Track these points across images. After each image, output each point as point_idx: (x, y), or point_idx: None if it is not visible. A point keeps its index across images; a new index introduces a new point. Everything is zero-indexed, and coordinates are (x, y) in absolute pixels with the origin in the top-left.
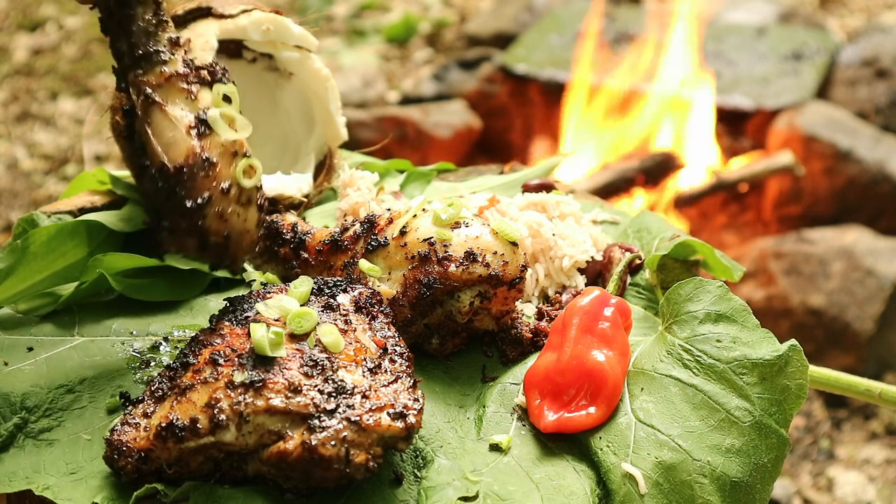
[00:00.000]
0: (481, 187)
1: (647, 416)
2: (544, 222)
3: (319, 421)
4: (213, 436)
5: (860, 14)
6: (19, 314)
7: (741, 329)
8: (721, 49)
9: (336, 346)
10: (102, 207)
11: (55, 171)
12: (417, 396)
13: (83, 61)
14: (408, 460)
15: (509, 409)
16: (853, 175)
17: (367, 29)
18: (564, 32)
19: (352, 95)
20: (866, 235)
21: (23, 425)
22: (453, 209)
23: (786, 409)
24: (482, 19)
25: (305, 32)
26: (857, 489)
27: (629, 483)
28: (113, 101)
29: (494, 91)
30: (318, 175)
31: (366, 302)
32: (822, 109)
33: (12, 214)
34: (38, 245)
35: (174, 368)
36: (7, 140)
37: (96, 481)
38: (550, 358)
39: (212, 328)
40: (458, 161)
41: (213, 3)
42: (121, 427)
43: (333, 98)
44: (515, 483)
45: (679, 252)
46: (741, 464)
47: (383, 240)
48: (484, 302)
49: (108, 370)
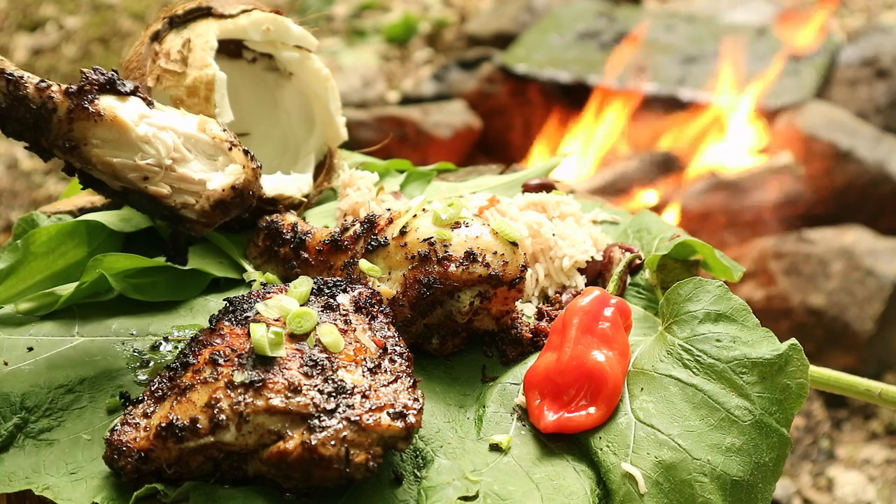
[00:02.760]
0: (481, 187)
1: (647, 415)
2: (544, 222)
3: (319, 421)
4: (213, 436)
5: (860, 14)
6: (19, 314)
7: (741, 329)
8: (721, 49)
9: (336, 346)
10: (102, 207)
11: (55, 171)
12: (417, 396)
13: (83, 61)
14: (408, 460)
15: (509, 409)
16: (853, 175)
17: (367, 29)
18: (564, 32)
19: (352, 95)
20: (866, 235)
21: (23, 425)
22: (453, 209)
23: (786, 409)
24: (482, 19)
25: (305, 32)
26: (857, 489)
27: (629, 483)
28: None
29: (494, 91)
30: (318, 175)
31: (366, 302)
32: (822, 109)
33: (12, 214)
34: (39, 245)
35: (174, 368)
36: (7, 140)
37: (96, 481)
38: (550, 358)
39: (212, 328)
40: (458, 161)
41: (213, 3)
42: (121, 427)
43: (333, 98)
44: (515, 483)
45: (679, 252)
46: (742, 463)
47: (383, 240)
48: (484, 302)
49: (108, 370)
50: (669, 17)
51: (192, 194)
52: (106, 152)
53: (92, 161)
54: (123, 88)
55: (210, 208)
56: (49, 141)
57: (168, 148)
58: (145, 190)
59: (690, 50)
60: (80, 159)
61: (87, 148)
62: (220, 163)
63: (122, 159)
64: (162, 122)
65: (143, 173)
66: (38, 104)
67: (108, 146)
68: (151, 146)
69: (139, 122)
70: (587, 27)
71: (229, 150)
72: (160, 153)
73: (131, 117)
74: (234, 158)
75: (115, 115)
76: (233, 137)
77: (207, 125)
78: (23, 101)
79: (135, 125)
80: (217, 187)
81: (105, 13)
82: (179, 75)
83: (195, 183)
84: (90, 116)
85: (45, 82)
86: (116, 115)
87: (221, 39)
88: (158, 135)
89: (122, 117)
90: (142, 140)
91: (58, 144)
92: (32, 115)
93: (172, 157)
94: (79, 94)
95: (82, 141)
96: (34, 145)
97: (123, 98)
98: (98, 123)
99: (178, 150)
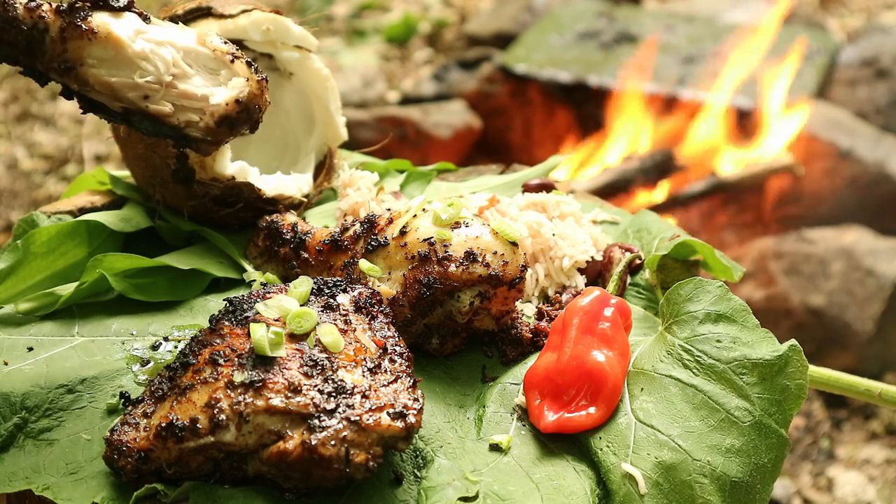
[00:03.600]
0: (481, 187)
1: (647, 416)
2: (544, 222)
3: (319, 421)
4: (213, 436)
5: (860, 14)
6: (19, 314)
7: (741, 329)
8: (721, 49)
9: (336, 346)
10: (102, 207)
11: (55, 171)
12: (417, 396)
13: None
14: (408, 460)
15: (509, 409)
16: (853, 175)
17: (367, 29)
18: (564, 32)
19: (352, 95)
20: (866, 235)
21: (23, 425)
22: (453, 209)
23: (786, 409)
24: (482, 19)
25: (305, 32)
26: (857, 489)
27: (629, 483)
28: None
29: (494, 91)
30: (318, 175)
31: (365, 302)
32: (822, 109)
33: (12, 214)
34: (39, 245)
35: (174, 368)
36: (7, 140)
37: (96, 481)
38: (550, 358)
39: (212, 328)
40: (458, 161)
41: (213, 3)
42: (121, 427)
43: (333, 98)
44: (515, 483)
45: (679, 252)
46: (741, 464)
47: (383, 240)
48: (484, 302)
49: (108, 370)
50: (669, 17)
51: (195, 111)
52: (103, 72)
53: (89, 82)
54: (117, 4)
55: (215, 125)
56: (44, 64)
57: (167, 63)
58: (146, 110)
59: (690, 50)
60: (76, 81)
61: (83, 69)
62: (223, 77)
63: (121, 78)
64: (159, 37)
65: (142, 92)
66: (30, 25)
67: (105, 65)
68: (150, 62)
69: (135, 38)
70: (587, 27)
71: (231, 62)
72: (159, 69)
73: (127, 33)
74: (237, 71)
75: (110, 31)
76: (235, 49)
77: (207, 38)
78: (13, 23)
79: (131, 41)
80: (220, 102)
81: None
82: None
83: (198, 99)
84: (83, 35)
85: (35, 1)
86: (111, 32)
87: None
88: (156, 50)
89: (117, 34)
90: (139, 56)
91: (53, 67)
92: (24, 38)
93: (172, 72)
94: (70, 13)
95: (78, 61)
96: (29, 70)
97: (118, 14)
98: (92, 42)
99: (178, 66)
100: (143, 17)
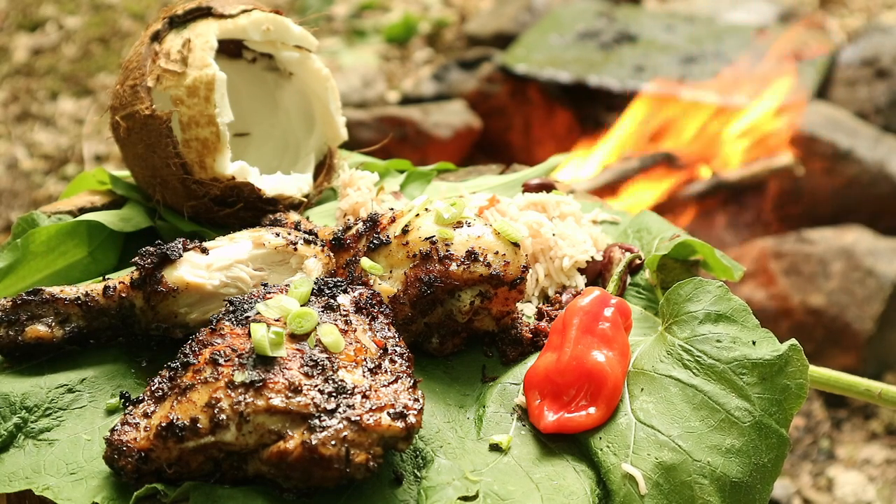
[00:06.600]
0: (481, 187)
1: (647, 416)
2: (544, 222)
3: (320, 421)
4: (213, 435)
5: (860, 14)
6: None
7: (741, 329)
8: (721, 49)
9: (336, 347)
10: (102, 207)
11: (55, 171)
12: (417, 396)
13: (83, 61)
14: (408, 460)
15: (509, 409)
16: (853, 175)
17: (367, 29)
18: (564, 32)
19: (352, 95)
20: (866, 235)
21: (23, 425)
22: (456, 209)
23: (786, 409)
24: (482, 19)
25: (305, 32)
26: (857, 489)
27: (629, 483)
28: (112, 101)
29: (494, 91)
30: (318, 175)
31: (366, 302)
32: (822, 109)
33: (12, 214)
34: (38, 244)
35: (174, 368)
36: (7, 140)
37: (96, 481)
38: (550, 358)
39: (212, 328)
40: (458, 161)
41: (213, 3)
42: (121, 427)
43: (333, 98)
44: (515, 483)
45: (679, 252)
46: (741, 464)
47: (385, 238)
48: (484, 302)
49: (108, 370)
50: (669, 17)
51: None
52: (198, 313)
53: (191, 326)
54: (174, 254)
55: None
56: (141, 329)
57: (247, 283)
58: None
59: (690, 50)
60: (179, 330)
61: (178, 319)
62: (294, 263)
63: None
64: (224, 261)
65: None
66: (116, 308)
67: (196, 307)
68: (232, 287)
69: (207, 275)
70: (587, 27)
71: (295, 250)
72: (242, 290)
73: (199, 274)
74: (304, 254)
75: (187, 282)
76: (291, 236)
77: (261, 239)
78: (103, 313)
79: (207, 280)
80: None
81: (105, 13)
82: (179, 75)
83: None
84: (167, 295)
85: (108, 288)
86: (188, 283)
87: (221, 39)
88: (230, 275)
89: (193, 280)
90: (220, 289)
91: (151, 328)
92: (118, 319)
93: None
94: (146, 282)
95: (171, 316)
96: (129, 338)
97: (180, 262)
98: (177, 297)
99: (254, 277)
100: (200, 250)
